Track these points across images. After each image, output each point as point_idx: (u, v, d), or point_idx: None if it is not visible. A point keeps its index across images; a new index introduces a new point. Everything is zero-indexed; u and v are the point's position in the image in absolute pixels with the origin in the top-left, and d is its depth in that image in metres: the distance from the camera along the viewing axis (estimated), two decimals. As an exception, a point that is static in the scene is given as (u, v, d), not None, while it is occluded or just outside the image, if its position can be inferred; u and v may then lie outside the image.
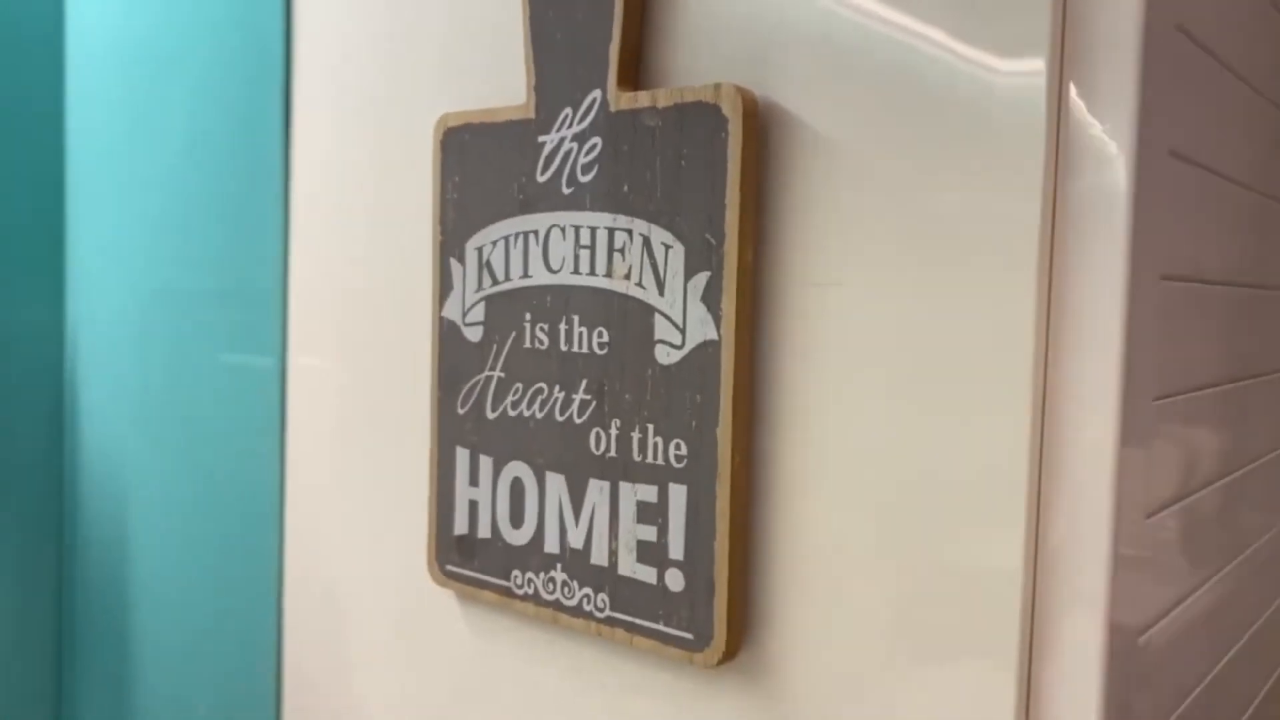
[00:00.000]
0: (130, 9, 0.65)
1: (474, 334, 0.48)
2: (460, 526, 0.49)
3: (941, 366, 0.35)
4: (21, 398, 0.68)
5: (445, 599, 0.50)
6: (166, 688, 0.65)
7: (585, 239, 0.44)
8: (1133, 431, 0.34)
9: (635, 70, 0.42)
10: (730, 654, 0.40)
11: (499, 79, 0.47)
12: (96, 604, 0.69)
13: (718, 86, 0.39)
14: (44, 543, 0.69)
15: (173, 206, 0.63)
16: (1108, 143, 0.33)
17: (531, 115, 0.45)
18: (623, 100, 0.42)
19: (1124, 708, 0.36)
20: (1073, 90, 0.33)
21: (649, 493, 0.42)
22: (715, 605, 0.40)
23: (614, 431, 0.43)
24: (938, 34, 0.35)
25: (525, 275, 0.46)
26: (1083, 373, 0.34)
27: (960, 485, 0.35)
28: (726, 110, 0.39)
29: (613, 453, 0.43)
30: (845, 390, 0.38)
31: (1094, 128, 0.33)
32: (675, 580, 0.41)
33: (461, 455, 0.49)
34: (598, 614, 0.44)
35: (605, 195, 0.43)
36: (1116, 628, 0.34)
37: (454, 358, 0.49)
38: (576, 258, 0.44)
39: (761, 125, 0.39)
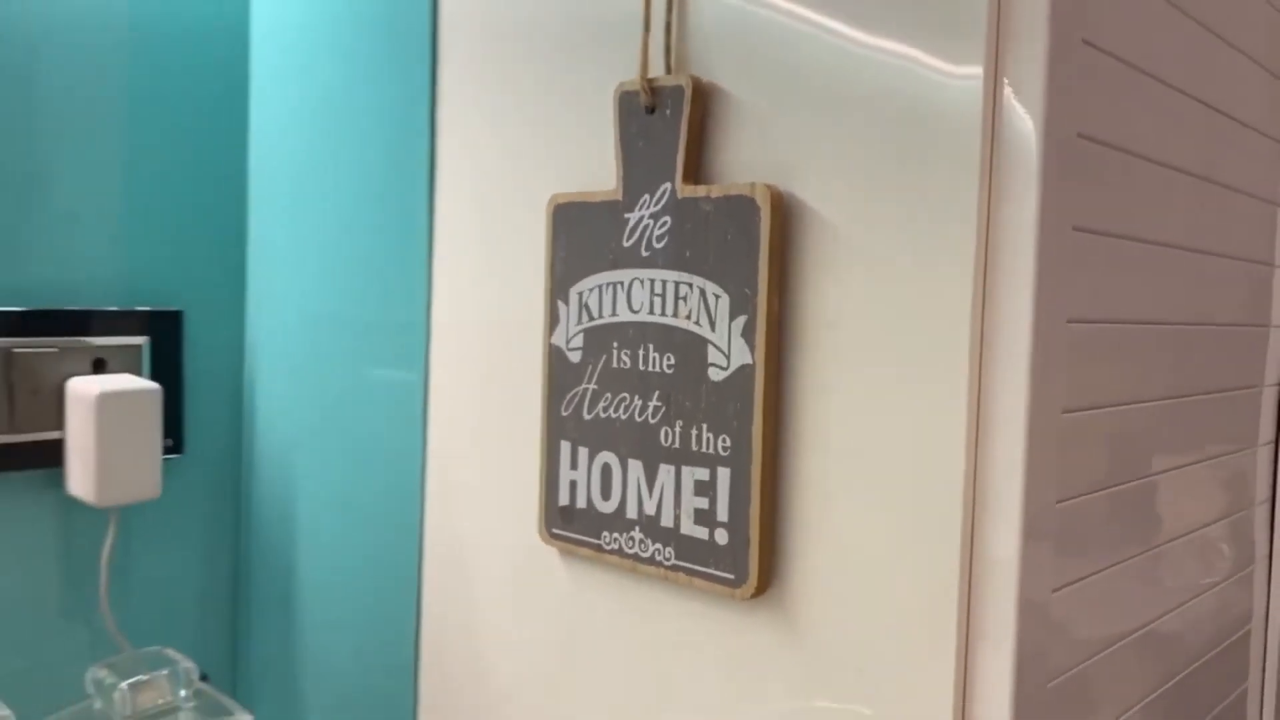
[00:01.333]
0: (306, 83, 0.82)
1: (575, 356, 0.63)
2: (563, 499, 0.64)
3: (902, 380, 0.50)
4: (211, 398, 0.86)
5: (550, 555, 0.66)
6: (324, 620, 0.81)
7: (658, 289, 0.59)
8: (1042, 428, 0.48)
9: (695, 170, 0.58)
10: (760, 590, 0.55)
11: (596, 170, 0.63)
12: (268, 557, 0.85)
13: (753, 185, 0.54)
14: (225, 508, 0.87)
15: (337, 249, 0.80)
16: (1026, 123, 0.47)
17: (619, 198, 0.61)
18: (685, 191, 0.57)
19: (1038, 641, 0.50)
20: (1006, 104, 0.48)
21: (703, 474, 0.57)
22: (750, 555, 0.55)
23: (677, 429, 0.58)
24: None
25: (613, 314, 0.61)
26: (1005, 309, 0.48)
27: (913, 466, 0.50)
28: (759, 201, 0.54)
29: (676, 445, 0.58)
30: (840, 400, 0.52)
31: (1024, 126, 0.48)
32: (721, 537, 0.56)
33: (564, 446, 0.64)
34: (665, 563, 0.59)
35: (673, 258, 0.58)
36: (1027, 577, 0.49)
37: (559, 374, 0.64)
38: (651, 302, 0.59)
39: (784, 212, 0.54)
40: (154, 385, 0.77)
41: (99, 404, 0.74)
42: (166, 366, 0.81)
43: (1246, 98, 0.70)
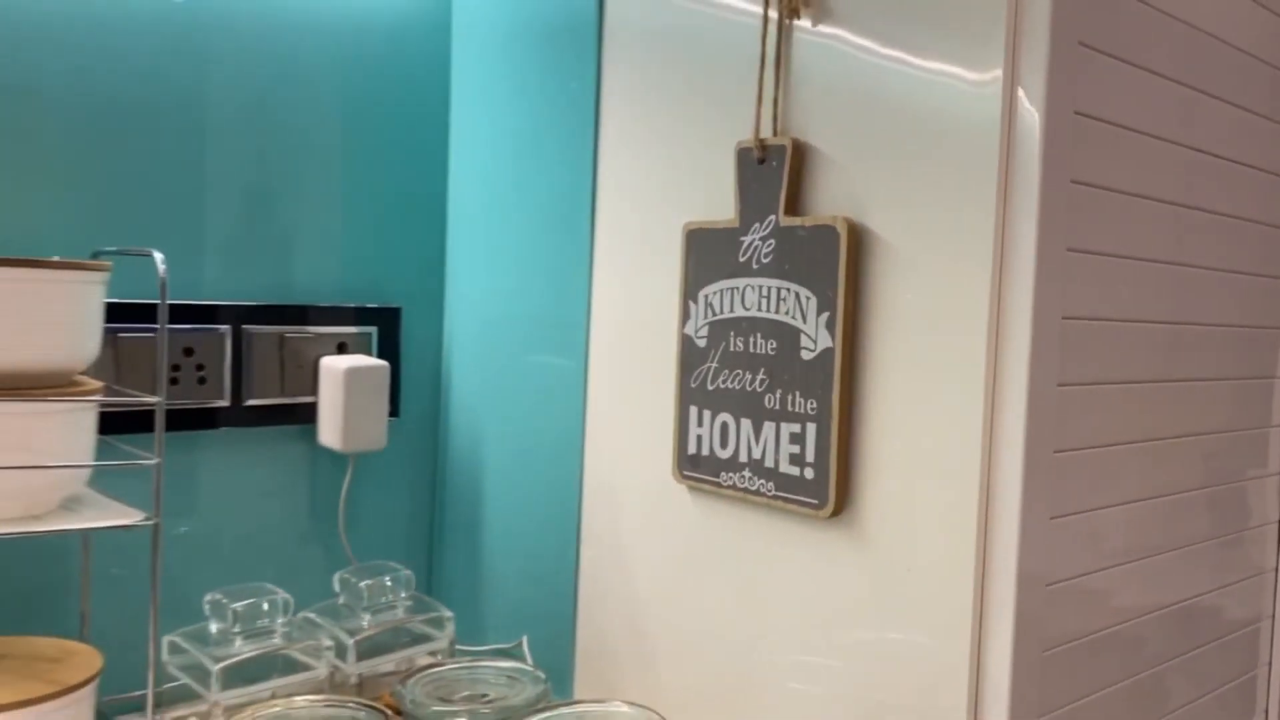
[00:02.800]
0: (496, 127, 1.05)
1: (701, 343, 0.84)
2: (691, 449, 0.84)
3: (938, 357, 0.69)
4: (419, 376, 1.09)
5: (680, 492, 0.86)
6: (502, 544, 1.03)
7: (764, 292, 0.79)
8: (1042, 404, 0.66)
9: (794, 206, 0.77)
10: (836, 512, 0.74)
11: (719, 204, 0.83)
12: (458, 496, 1.08)
13: (835, 217, 0.74)
14: (428, 459, 1.09)
15: (516, 261, 1.02)
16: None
17: (737, 225, 0.81)
18: (786, 221, 0.77)
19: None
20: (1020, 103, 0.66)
21: (795, 428, 0.77)
22: (829, 486, 0.74)
23: (777, 395, 0.78)
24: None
25: (731, 311, 0.81)
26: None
27: (945, 421, 0.68)
28: (839, 229, 0.73)
29: (777, 407, 0.78)
30: (895, 373, 0.71)
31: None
32: (809, 473, 0.76)
33: (692, 410, 0.84)
34: (767, 494, 0.79)
35: (775, 270, 0.78)
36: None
37: (689, 356, 0.85)
38: (759, 302, 0.79)
39: (857, 236, 0.73)
40: (383, 363, 1.00)
41: (346, 376, 0.97)
42: (388, 350, 1.05)
43: (1235, 83, 0.84)
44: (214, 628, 0.87)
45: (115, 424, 0.84)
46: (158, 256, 0.74)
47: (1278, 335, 0.94)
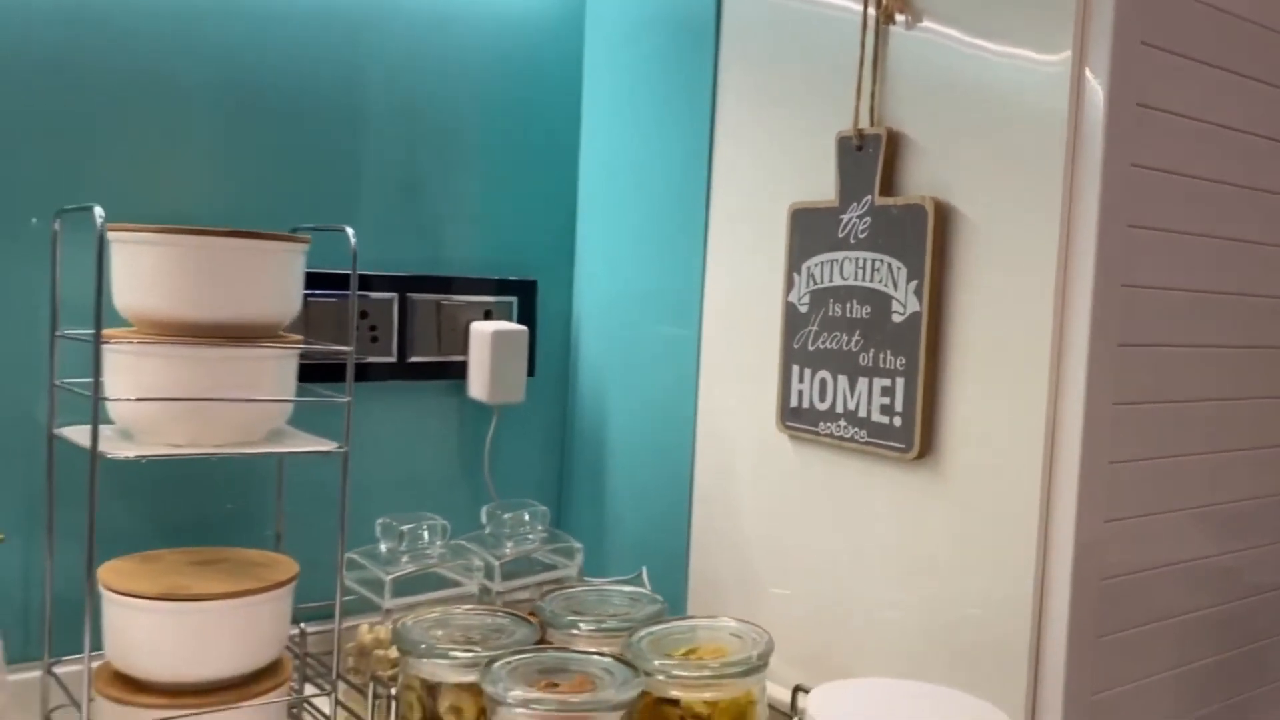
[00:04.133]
0: (623, 117, 1.17)
1: (803, 309, 0.94)
2: (793, 403, 0.95)
3: (1009, 319, 0.78)
4: (552, 340, 1.22)
5: (783, 440, 0.97)
6: (623, 486, 1.16)
7: (861, 264, 0.89)
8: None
9: (887, 188, 0.87)
10: (921, 455, 0.84)
11: (821, 186, 0.93)
12: (585, 444, 1.21)
13: (924, 196, 0.83)
14: (558, 412, 1.23)
15: (637, 240, 1.14)
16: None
17: (837, 204, 0.91)
18: (880, 201, 0.87)
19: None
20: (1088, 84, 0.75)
21: (886, 383, 0.87)
22: (915, 433, 0.84)
23: (870, 354, 0.88)
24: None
25: (831, 280, 0.92)
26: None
27: (1016, 374, 0.77)
28: (927, 208, 0.83)
29: (870, 364, 0.88)
30: (973, 333, 0.81)
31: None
32: (897, 422, 0.86)
33: (795, 368, 0.95)
34: (860, 441, 0.89)
35: (870, 244, 0.88)
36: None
37: (792, 321, 0.95)
38: (856, 272, 0.89)
39: (943, 214, 0.83)
40: (523, 328, 1.13)
41: (492, 338, 1.11)
42: (527, 317, 1.18)
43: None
44: (384, 547, 1.02)
45: (304, 374, 0.99)
46: (349, 231, 0.88)
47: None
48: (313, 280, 1.01)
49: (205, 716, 0.81)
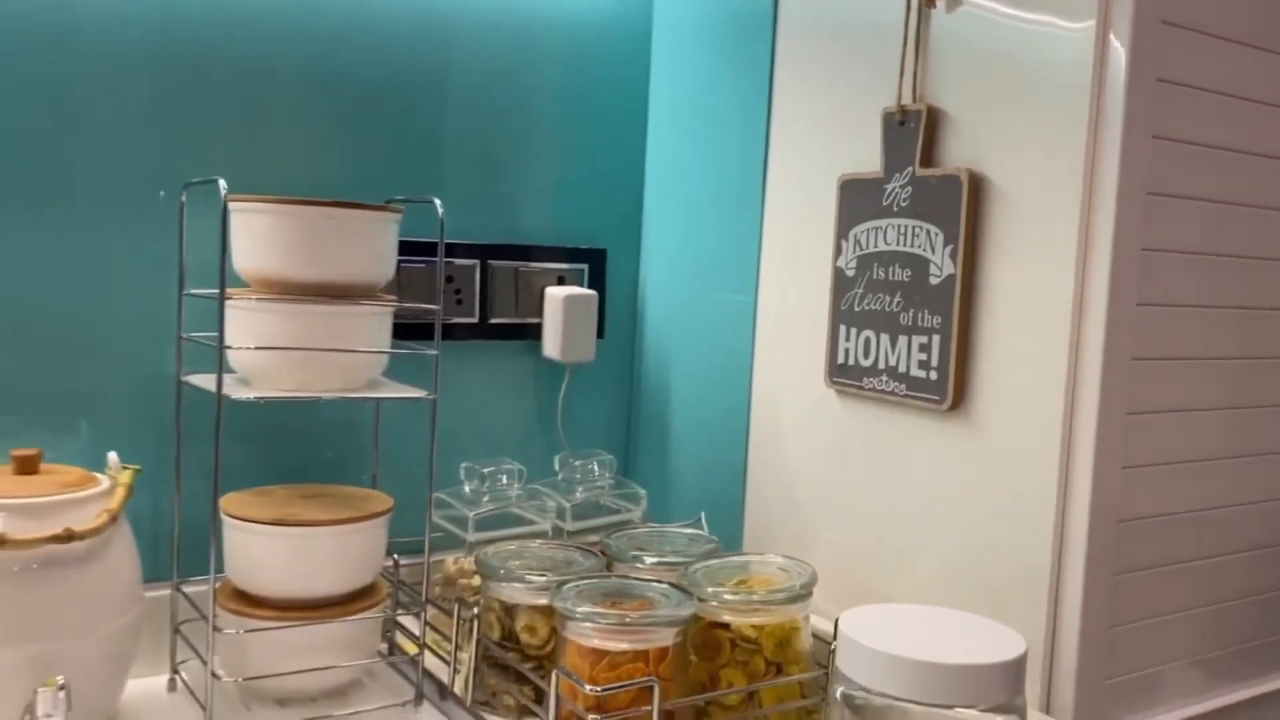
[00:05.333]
0: (687, 98, 1.25)
1: (850, 273, 1.01)
2: (839, 360, 1.02)
3: (1035, 281, 0.84)
4: (620, 304, 1.31)
5: (830, 395, 1.04)
6: (684, 438, 1.24)
7: (902, 230, 0.96)
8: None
9: (927, 159, 0.93)
10: (954, 406, 0.91)
11: (867, 159, 1.00)
12: (650, 399, 1.30)
13: (959, 168, 0.90)
14: (625, 371, 1.32)
15: (699, 211, 1.22)
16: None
17: (881, 175, 0.98)
18: (921, 173, 0.93)
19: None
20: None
21: (924, 340, 0.93)
22: (949, 386, 0.91)
23: (910, 313, 0.95)
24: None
25: (875, 246, 0.99)
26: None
27: (1041, 331, 0.84)
28: (962, 179, 0.89)
29: (909, 323, 0.95)
30: (1002, 294, 0.87)
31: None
32: (933, 375, 0.93)
33: (842, 328, 1.02)
34: (899, 394, 0.96)
35: (911, 212, 0.94)
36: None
37: (840, 284, 1.02)
38: (898, 238, 0.96)
39: (977, 184, 0.89)
40: (593, 293, 1.22)
41: (564, 302, 1.20)
42: (597, 283, 1.27)
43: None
44: (467, 488, 1.12)
45: (397, 333, 1.09)
46: (437, 202, 0.98)
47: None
48: (404, 248, 1.10)
49: (311, 627, 0.93)
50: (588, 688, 0.81)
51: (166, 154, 1.03)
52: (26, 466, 0.89)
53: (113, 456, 0.93)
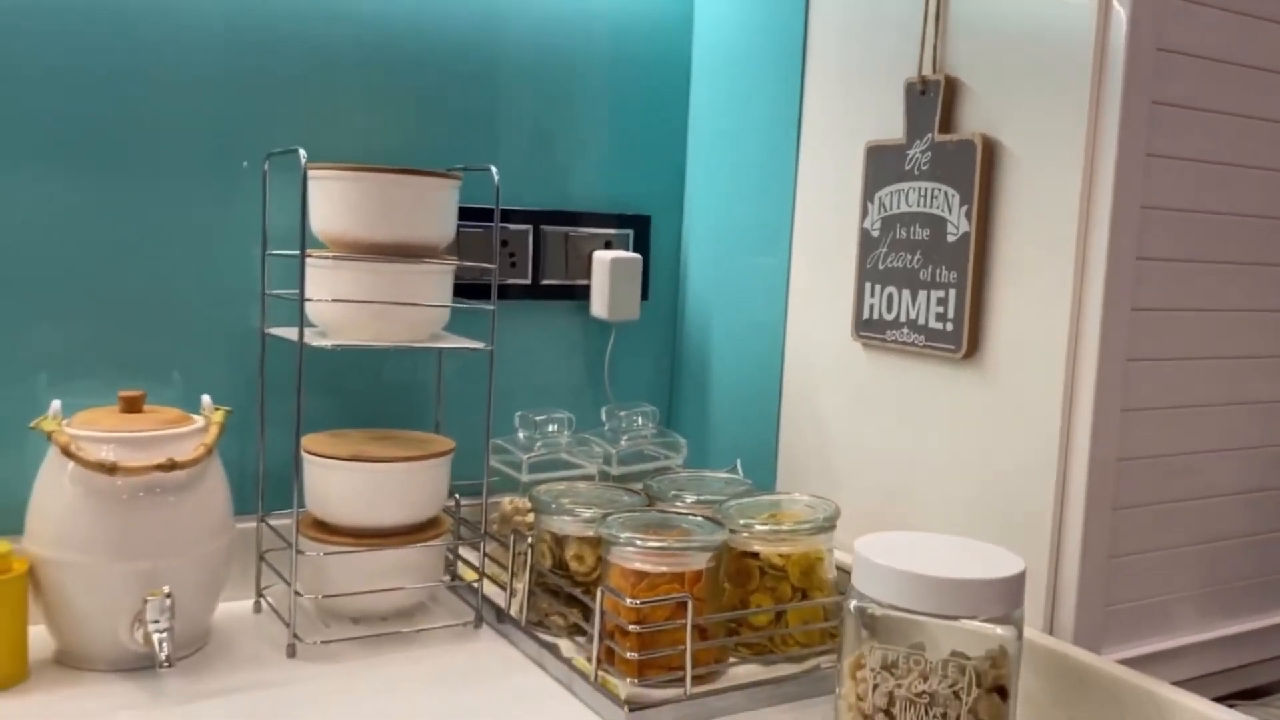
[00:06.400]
0: (725, 76, 1.32)
1: (874, 233, 1.08)
2: (865, 315, 1.10)
3: (1042, 235, 0.91)
4: (663, 267, 1.39)
5: (855, 347, 1.12)
6: (723, 390, 1.33)
7: (923, 192, 1.03)
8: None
9: (946, 126, 1.00)
10: (969, 355, 0.98)
11: (890, 126, 1.07)
12: (691, 355, 1.38)
13: (974, 133, 0.96)
14: (668, 328, 1.40)
15: (736, 179, 1.30)
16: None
17: (904, 142, 1.04)
18: (939, 139, 1.00)
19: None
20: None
21: (941, 294, 1.01)
22: (964, 336, 0.98)
23: (929, 270, 1.02)
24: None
25: (898, 208, 1.06)
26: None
27: (1046, 282, 0.90)
28: (976, 144, 0.96)
29: (928, 279, 1.02)
30: (1013, 250, 0.94)
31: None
32: (949, 327, 1.00)
33: (867, 285, 1.09)
34: (919, 345, 1.03)
35: (931, 175, 1.01)
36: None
37: (866, 244, 1.10)
38: (919, 200, 1.03)
39: (990, 148, 0.96)
40: (638, 256, 1.31)
41: (611, 265, 1.29)
42: (641, 247, 1.35)
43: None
44: (521, 435, 1.21)
45: (457, 292, 1.19)
46: (493, 170, 1.07)
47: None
48: (463, 214, 1.20)
49: (381, 552, 1.03)
50: (629, 601, 0.90)
51: (248, 127, 1.13)
52: (132, 406, 1.00)
53: (206, 399, 1.04)
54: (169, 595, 0.91)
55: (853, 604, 0.83)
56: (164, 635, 0.91)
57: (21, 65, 1.03)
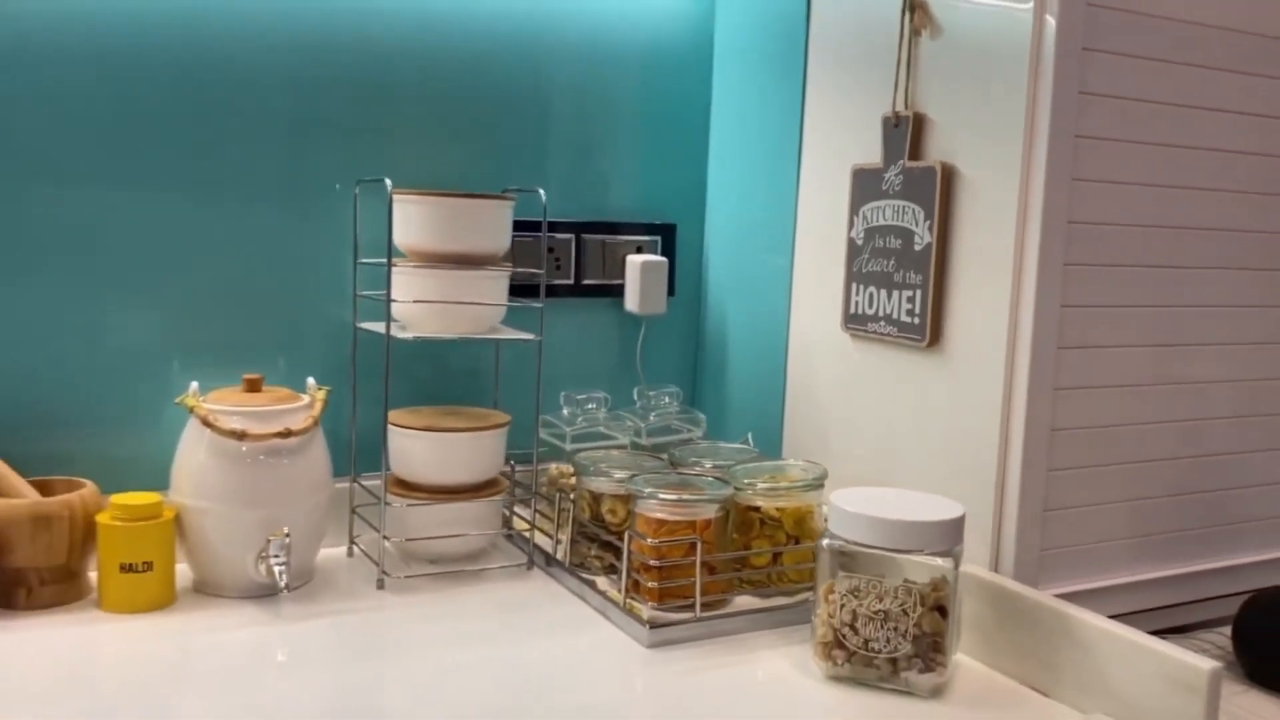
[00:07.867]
0: (738, 100, 1.52)
1: (859, 241, 1.28)
2: (852, 310, 1.29)
3: (988, 242, 1.10)
4: (687, 268, 1.60)
5: (845, 339, 1.32)
6: (738, 374, 1.53)
7: (896, 208, 1.22)
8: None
9: (915, 153, 1.19)
10: (932, 343, 1.17)
11: (871, 152, 1.26)
12: (710, 345, 1.59)
13: (936, 160, 1.15)
14: (693, 321, 1.61)
15: (749, 190, 1.50)
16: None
17: (881, 166, 1.24)
18: (909, 165, 1.19)
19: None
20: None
21: (910, 293, 1.20)
22: (927, 328, 1.17)
23: (901, 274, 1.21)
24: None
25: (878, 221, 1.25)
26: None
27: (991, 281, 1.09)
28: (937, 169, 1.15)
29: (900, 280, 1.21)
30: (967, 256, 1.13)
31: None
32: (916, 320, 1.19)
33: (853, 285, 1.29)
34: (894, 336, 1.23)
35: (902, 194, 1.20)
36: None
37: (852, 250, 1.29)
38: (893, 215, 1.22)
39: (949, 173, 1.15)
40: (664, 259, 1.51)
41: (641, 267, 1.50)
42: (668, 251, 1.56)
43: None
44: (565, 412, 1.43)
45: (512, 292, 1.40)
46: (541, 192, 1.28)
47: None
48: (517, 226, 1.41)
49: (452, 505, 1.25)
50: (650, 541, 1.12)
51: (336, 158, 1.36)
52: (253, 386, 1.23)
53: (311, 380, 1.27)
54: (288, 535, 1.14)
55: (825, 542, 1.03)
56: (283, 567, 1.14)
57: (171, 115, 1.26)
